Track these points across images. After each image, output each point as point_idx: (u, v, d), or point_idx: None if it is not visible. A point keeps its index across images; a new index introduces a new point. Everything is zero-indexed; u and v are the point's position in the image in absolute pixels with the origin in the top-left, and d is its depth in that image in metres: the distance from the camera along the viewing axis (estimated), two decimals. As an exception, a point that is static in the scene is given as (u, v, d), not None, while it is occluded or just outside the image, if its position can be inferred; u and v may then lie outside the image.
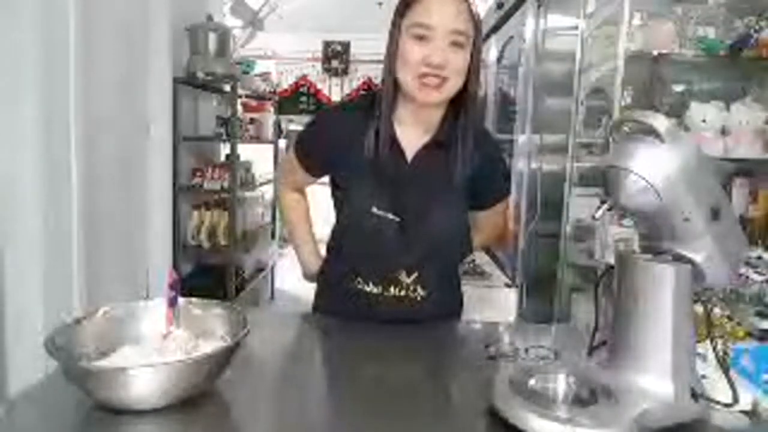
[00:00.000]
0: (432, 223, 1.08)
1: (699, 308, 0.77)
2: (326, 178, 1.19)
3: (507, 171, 1.27)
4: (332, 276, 1.21)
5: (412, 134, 1.10)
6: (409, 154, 1.10)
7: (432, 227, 1.09)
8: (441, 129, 1.10)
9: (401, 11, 1.03)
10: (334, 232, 1.20)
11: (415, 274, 1.11)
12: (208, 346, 0.82)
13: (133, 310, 0.88)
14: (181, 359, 0.73)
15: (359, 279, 1.12)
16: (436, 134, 1.10)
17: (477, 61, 1.04)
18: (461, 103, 1.08)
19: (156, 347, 0.82)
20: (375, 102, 1.09)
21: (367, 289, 1.12)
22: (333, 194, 1.17)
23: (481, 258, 2.50)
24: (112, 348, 0.82)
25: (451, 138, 1.09)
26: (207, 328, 0.87)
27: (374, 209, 1.08)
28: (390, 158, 1.08)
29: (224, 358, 0.77)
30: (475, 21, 1.03)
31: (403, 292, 1.11)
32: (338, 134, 1.12)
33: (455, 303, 1.25)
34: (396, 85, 1.05)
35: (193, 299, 0.90)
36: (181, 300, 0.87)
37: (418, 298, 1.11)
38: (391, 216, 1.08)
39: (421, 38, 0.99)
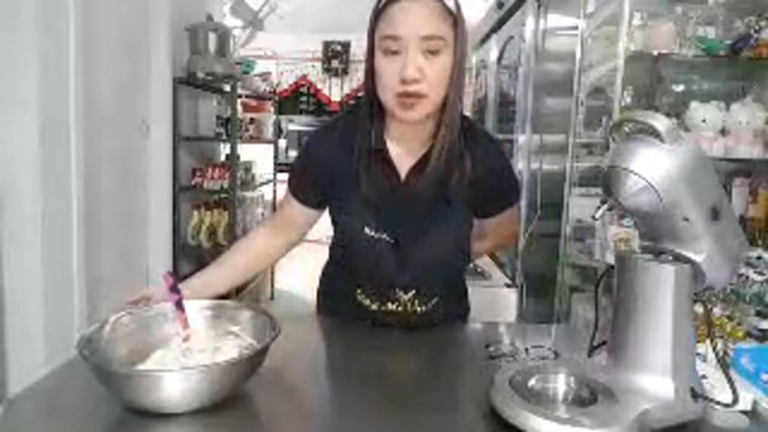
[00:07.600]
0: (428, 243, 1.04)
1: (699, 308, 0.77)
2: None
3: (514, 177, 1.18)
4: (334, 284, 1.19)
5: (404, 150, 1.04)
6: (402, 172, 1.04)
7: (428, 247, 1.04)
8: (435, 143, 1.02)
9: (373, 22, 0.96)
10: (334, 239, 1.16)
11: (413, 292, 1.08)
12: (232, 347, 0.84)
13: (161, 311, 0.90)
14: (220, 362, 0.73)
15: (359, 291, 1.10)
16: (429, 149, 1.02)
17: (460, 63, 0.95)
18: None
19: (182, 349, 0.83)
20: (360, 116, 1.03)
21: (367, 303, 1.10)
22: (329, 211, 1.12)
23: (481, 258, 2.49)
24: (143, 350, 0.83)
25: (447, 152, 1.01)
26: (232, 329, 0.89)
27: (366, 230, 1.03)
28: (382, 177, 1.03)
29: (257, 361, 0.77)
30: (454, 17, 0.93)
31: (401, 308, 1.09)
32: (327, 155, 1.06)
33: (460, 311, 1.22)
34: (378, 101, 0.99)
35: (224, 301, 0.93)
36: (207, 302, 0.92)
37: (418, 312, 1.09)
38: (385, 236, 1.04)
39: (392, 53, 0.91)
